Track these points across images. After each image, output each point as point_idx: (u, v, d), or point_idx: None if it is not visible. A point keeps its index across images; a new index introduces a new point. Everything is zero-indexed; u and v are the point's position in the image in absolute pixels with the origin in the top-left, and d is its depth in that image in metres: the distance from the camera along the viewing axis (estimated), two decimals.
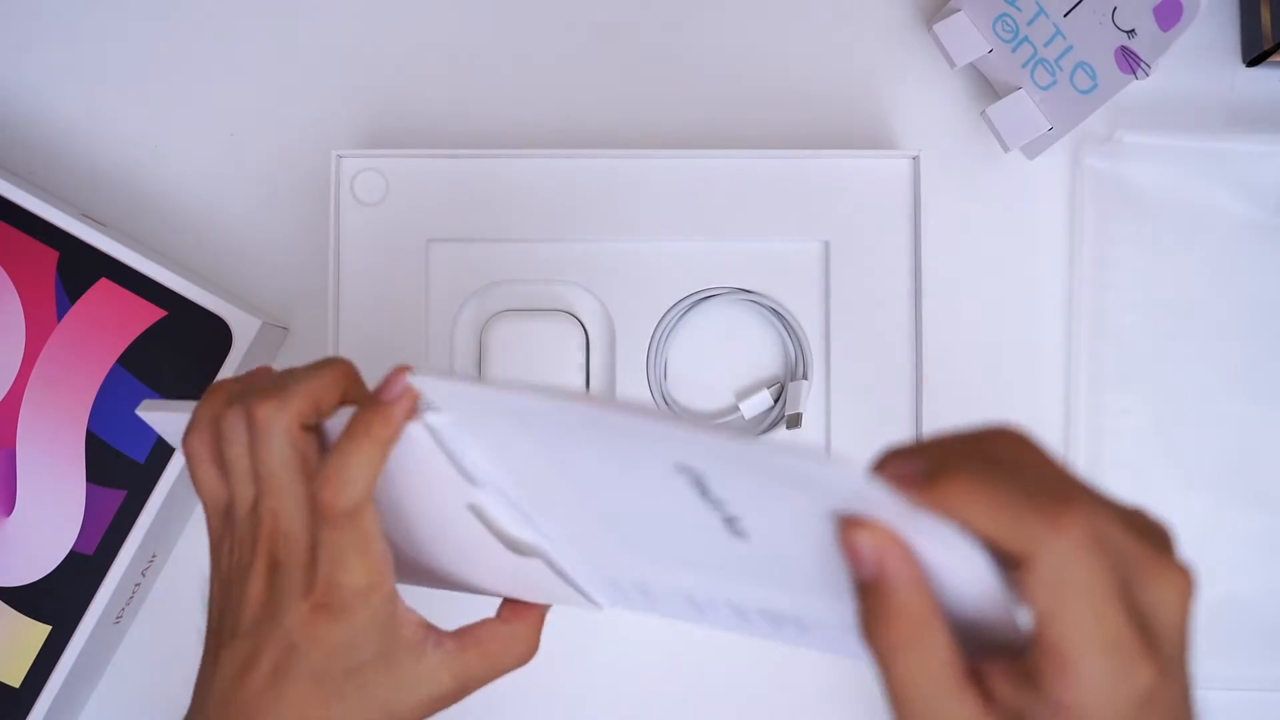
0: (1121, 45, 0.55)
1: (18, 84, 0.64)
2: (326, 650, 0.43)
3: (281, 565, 0.44)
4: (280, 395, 0.43)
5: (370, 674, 0.44)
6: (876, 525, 0.33)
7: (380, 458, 0.42)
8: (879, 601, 0.33)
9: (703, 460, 0.34)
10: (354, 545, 0.42)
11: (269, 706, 0.44)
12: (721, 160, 0.61)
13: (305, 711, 0.44)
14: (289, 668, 0.44)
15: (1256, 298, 0.63)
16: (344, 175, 0.61)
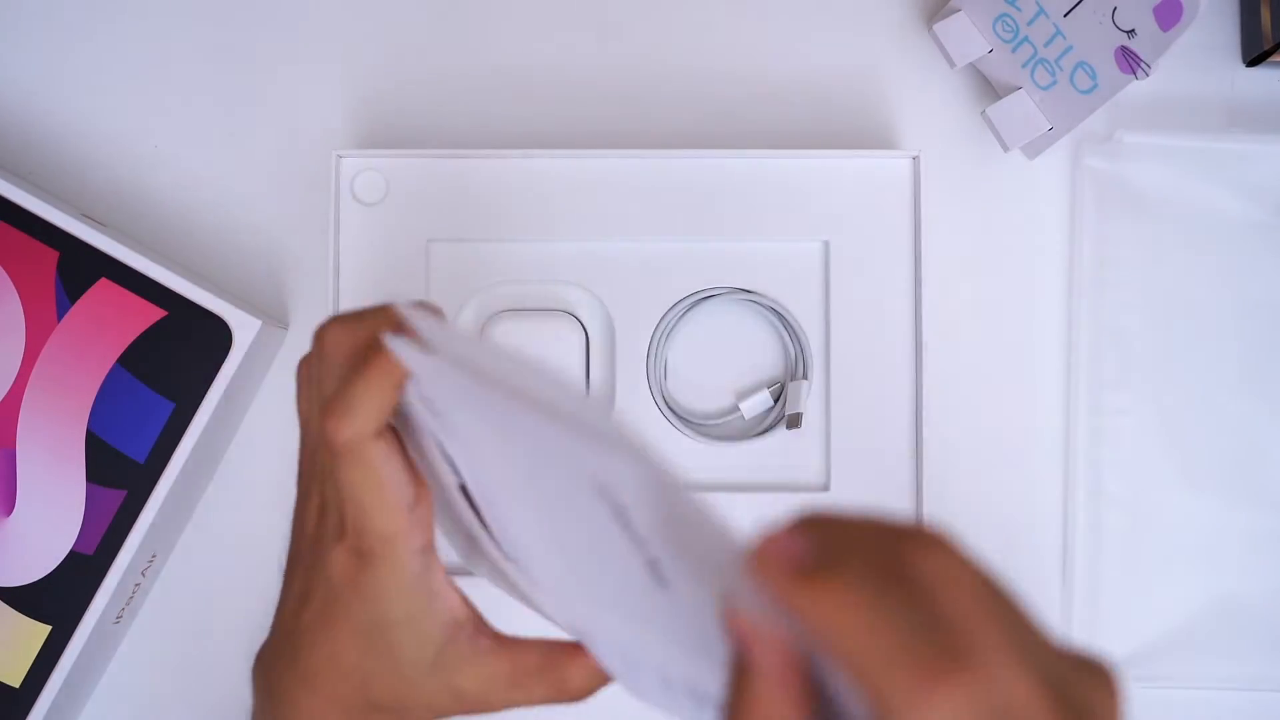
0: (1121, 45, 0.55)
1: (18, 84, 0.64)
2: (360, 599, 0.43)
3: (327, 507, 0.43)
4: (352, 321, 0.41)
5: (397, 635, 0.43)
6: (744, 615, 0.28)
7: (384, 390, 0.40)
8: (741, 686, 0.29)
9: (616, 485, 0.29)
10: (366, 486, 0.41)
11: (317, 642, 0.44)
12: (721, 160, 0.61)
13: (345, 655, 0.43)
14: (333, 610, 0.44)
15: (1257, 298, 0.63)
16: (344, 175, 0.61)
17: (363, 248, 0.61)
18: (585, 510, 0.31)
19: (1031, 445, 0.63)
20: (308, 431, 0.45)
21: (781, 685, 0.28)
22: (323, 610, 0.44)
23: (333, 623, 0.44)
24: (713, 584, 0.29)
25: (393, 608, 0.43)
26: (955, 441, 0.62)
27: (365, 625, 0.43)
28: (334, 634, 0.44)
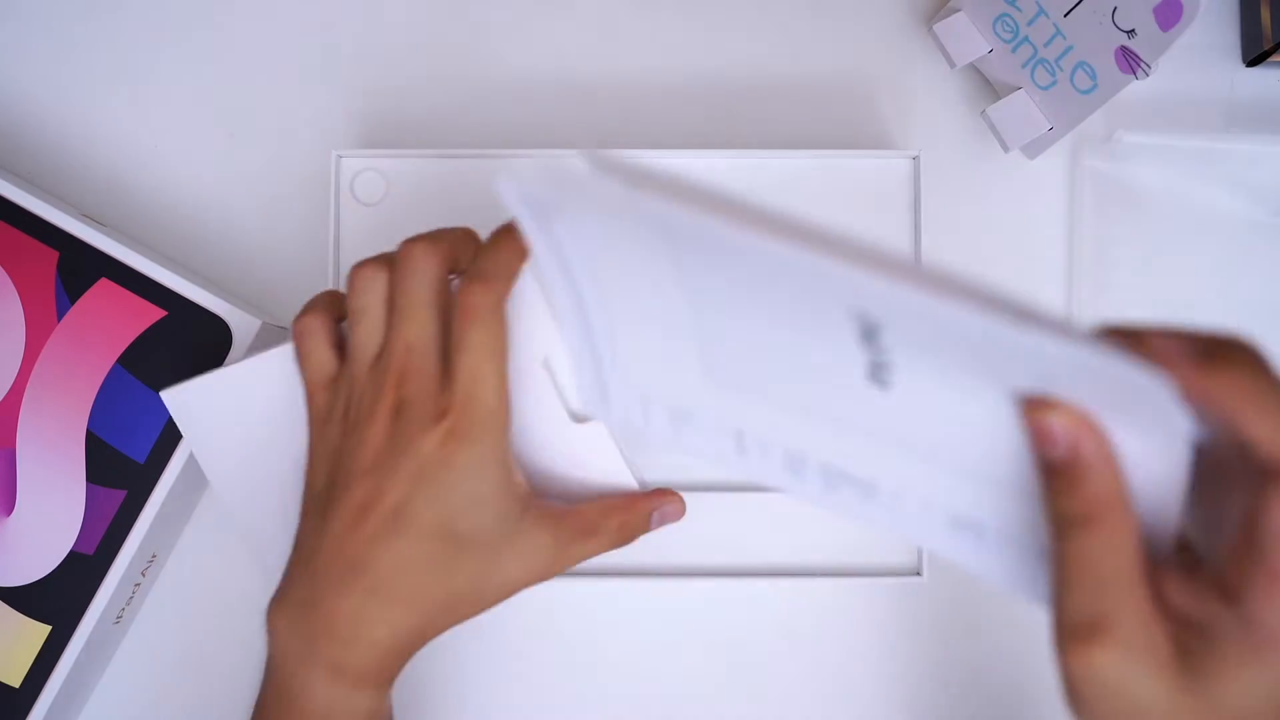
0: (1121, 45, 0.55)
1: (17, 84, 0.65)
2: (454, 477, 0.45)
3: (408, 403, 0.46)
4: (430, 238, 0.48)
5: (483, 514, 0.46)
6: (1069, 407, 0.31)
7: (519, 259, 0.46)
8: (1071, 482, 0.32)
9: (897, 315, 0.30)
10: (489, 352, 0.45)
11: (384, 548, 0.46)
12: (721, 160, 0.61)
13: (419, 553, 0.46)
14: (409, 505, 0.46)
15: (1257, 298, 0.63)
16: (344, 175, 0.61)
17: (362, 248, 0.61)
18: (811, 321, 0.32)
19: None
20: (355, 359, 0.48)
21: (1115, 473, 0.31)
22: (397, 511, 0.46)
23: (415, 518, 0.45)
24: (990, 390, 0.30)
25: (484, 482, 0.46)
26: None
27: (452, 508, 0.46)
28: (416, 533, 0.46)
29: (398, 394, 0.46)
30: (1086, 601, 0.32)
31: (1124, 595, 0.32)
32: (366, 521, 0.46)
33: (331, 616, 0.46)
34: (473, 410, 0.46)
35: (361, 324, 0.49)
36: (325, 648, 0.46)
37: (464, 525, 0.46)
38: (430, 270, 0.48)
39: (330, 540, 0.47)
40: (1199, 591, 0.32)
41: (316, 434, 0.50)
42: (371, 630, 0.47)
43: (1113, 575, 0.32)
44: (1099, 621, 0.32)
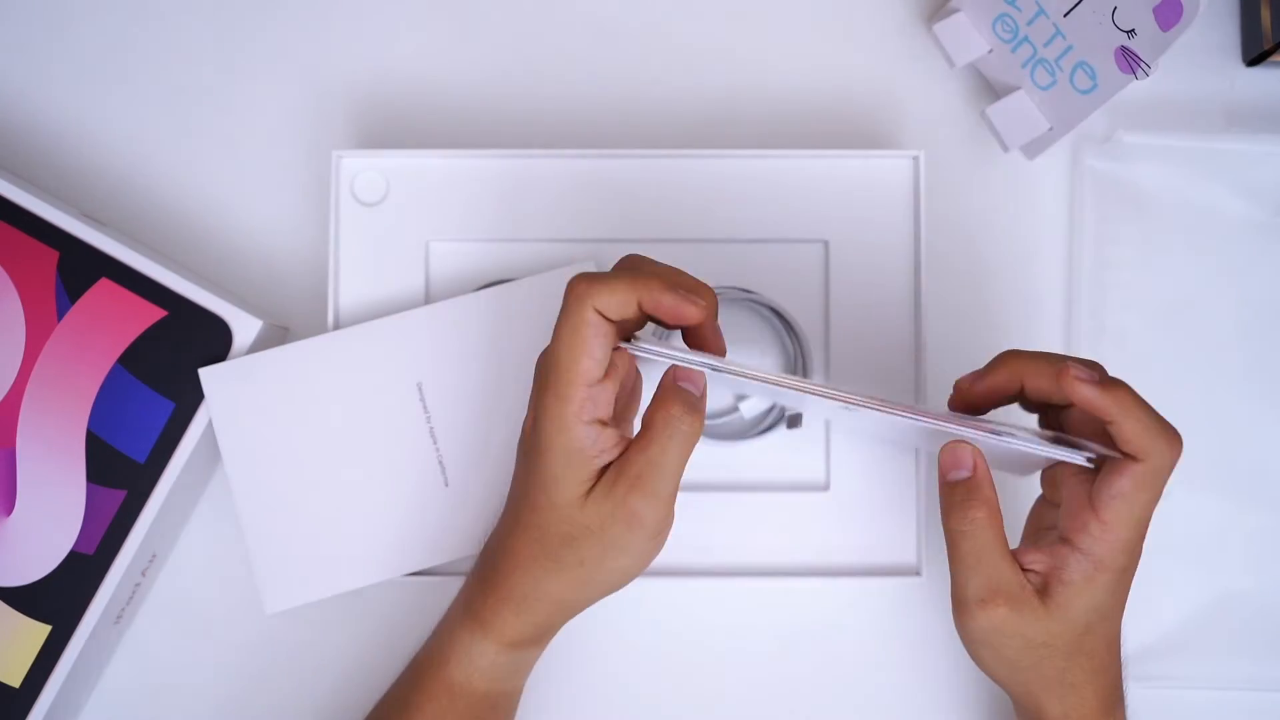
0: (1121, 45, 0.55)
1: (18, 84, 0.64)
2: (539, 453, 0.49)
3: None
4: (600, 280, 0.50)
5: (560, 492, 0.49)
6: (971, 445, 0.50)
7: (632, 294, 0.48)
8: (971, 493, 0.49)
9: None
10: (578, 339, 0.48)
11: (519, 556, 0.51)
12: (721, 160, 0.61)
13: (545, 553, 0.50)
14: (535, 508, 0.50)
15: (1256, 297, 0.63)
16: (344, 175, 0.61)
17: (362, 247, 0.61)
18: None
19: None
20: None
21: (993, 487, 0.50)
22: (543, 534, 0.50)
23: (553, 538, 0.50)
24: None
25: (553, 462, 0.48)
26: None
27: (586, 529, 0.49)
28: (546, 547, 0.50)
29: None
30: (983, 578, 0.49)
31: (1005, 569, 0.49)
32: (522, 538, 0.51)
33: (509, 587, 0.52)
34: (552, 388, 0.49)
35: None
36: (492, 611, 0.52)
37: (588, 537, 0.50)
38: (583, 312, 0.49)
39: (495, 544, 0.53)
40: (1051, 552, 0.49)
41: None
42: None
43: (997, 557, 0.49)
44: (994, 590, 0.49)
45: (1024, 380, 0.50)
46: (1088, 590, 0.48)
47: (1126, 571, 0.49)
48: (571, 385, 0.47)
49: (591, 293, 0.47)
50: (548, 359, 0.48)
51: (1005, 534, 0.49)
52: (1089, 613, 0.49)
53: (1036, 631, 0.49)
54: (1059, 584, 0.49)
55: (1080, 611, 0.49)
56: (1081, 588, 0.48)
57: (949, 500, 0.50)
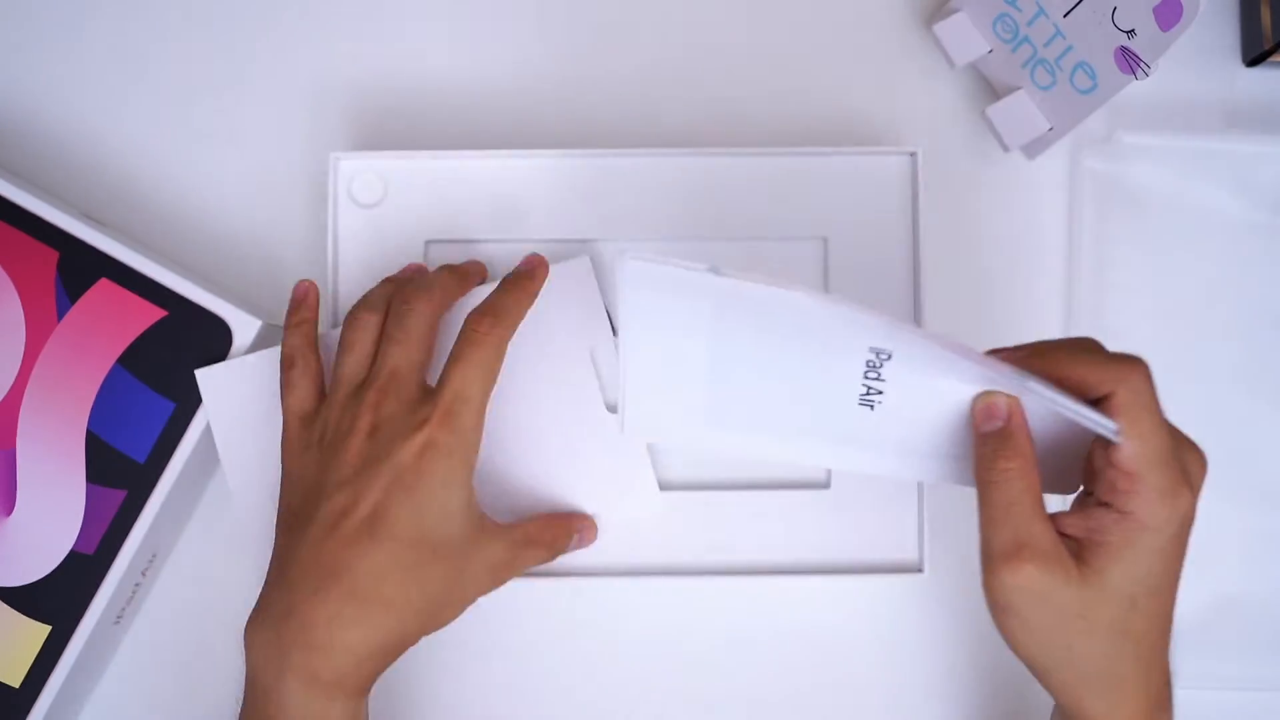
0: (1121, 45, 0.55)
1: (18, 84, 0.65)
2: (429, 486, 0.49)
3: (387, 420, 0.50)
4: (425, 288, 0.54)
5: (453, 525, 0.50)
6: (1006, 394, 0.45)
7: (528, 303, 0.54)
8: (1005, 442, 0.45)
9: (903, 351, 0.45)
10: (481, 374, 0.51)
11: (360, 554, 0.48)
12: (721, 159, 0.61)
13: (394, 558, 0.48)
14: (383, 516, 0.48)
15: (1257, 297, 0.63)
16: (342, 176, 0.61)
17: (361, 249, 0.61)
18: (830, 361, 0.46)
19: None
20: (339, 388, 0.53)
21: (1030, 436, 0.45)
22: (373, 516, 0.48)
23: (384, 534, 0.48)
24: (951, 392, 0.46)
25: (454, 497, 0.49)
26: None
27: (427, 516, 0.49)
28: (390, 537, 0.48)
29: (376, 414, 0.50)
30: (1010, 532, 0.44)
31: (1036, 524, 0.44)
32: (342, 528, 0.47)
33: (307, 623, 0.47)
34: (451, 424, 0.50)
35: (349, 354, 0.53)
36: (300, 656, 0.47)
37: (437, 534, 0.49)
38: (423, 311, 0.53)
39: (306, 550, 0.48)
40: (1087, 513, 0.45)
41: (292, 461, 0.52)
42: (347, 635, 0.47)
43: (1029, 511, 0.44)
44: (1022, 544, 0.44)
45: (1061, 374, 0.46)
46: (1128, 553, 0.44)
47: (1174, 536, 0.44)
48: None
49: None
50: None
51: (1040, 492, 0.45)
52: (1133, 583, 0.44)
53: (1070, 599, 0.44)
54: (1095, 545, 0.44)
55: (1121, 579, 0.44)
56: (1120, 549, 0.44)
57: (981, 452, 0.45)
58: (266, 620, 0.48)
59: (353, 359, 0.53)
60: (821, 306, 0.44)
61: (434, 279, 0.55)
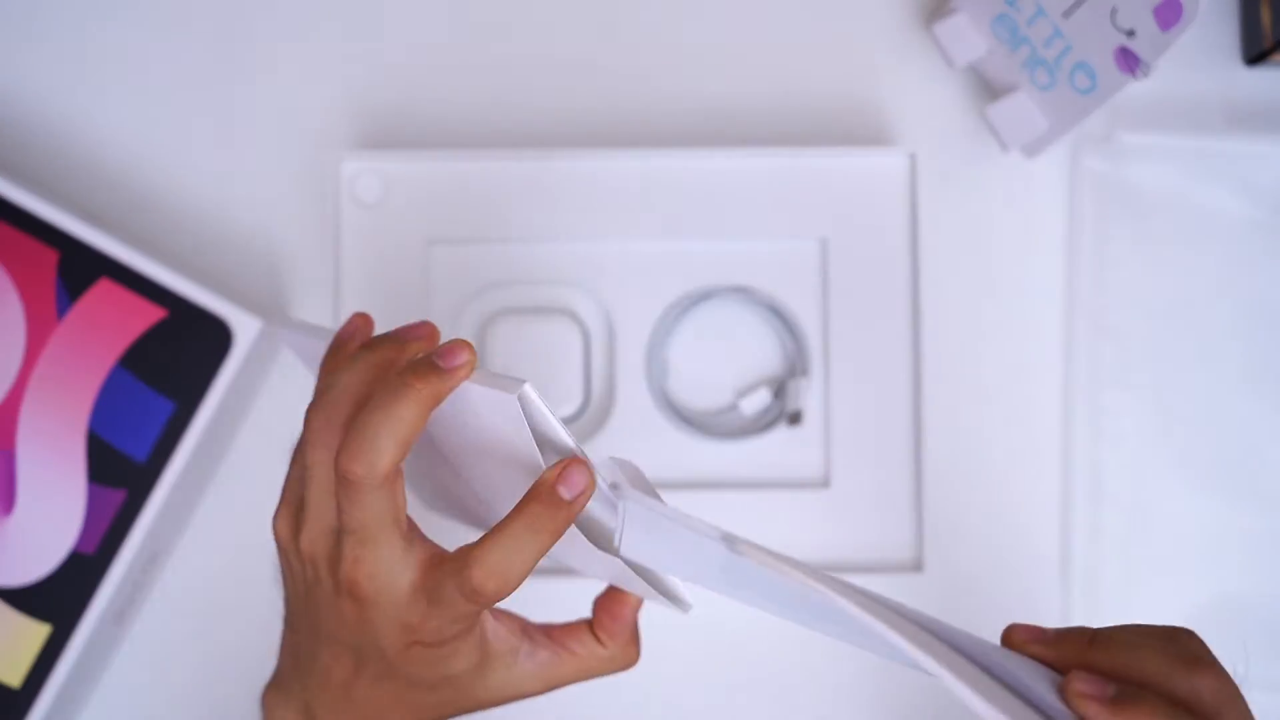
0: (1121, 45, 0.55)
1: (18, 84, 0.65)
2: (421, 668, 0.43)
3: (367, 602, 0.42)
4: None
5: (462, 680, 0.44)
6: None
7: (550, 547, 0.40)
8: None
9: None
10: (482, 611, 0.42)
11: (368, 695, 0.44)
12: (720, 159, 0.61)
13: (403, 697, 0.44)
14: (386, 675, 0.43)
15: (1257, 297, 0.63)
16: (343, 177, 0.61)
17: (363, 249, 0.61)
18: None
19: (1031, 445, 0.63)
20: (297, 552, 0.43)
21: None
22: (379, 675, 0.43)
23: (394, 679, 0.43)
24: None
25: (457, 665, 0.43)
26: (955, 440, 0.62)
27: (431, 680, 0.44)
28: (396, 687, 0.44)
29: (356, 590, 0.42)
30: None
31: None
32: (346, 672, 0.44)
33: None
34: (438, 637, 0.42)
35: (314, 483, 0.42)
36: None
37: (443, 687, 0.45)
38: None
39: (319, 672, 0.45)
40: None
41: (282, 556, 0.45)
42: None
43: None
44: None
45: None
46: None
47: None
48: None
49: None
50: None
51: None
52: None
53: None
54: None
55: None
56: None
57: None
58: (292, 705, 0.46)
59: (318, 495, 0.42)
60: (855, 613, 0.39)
61: (383, 434, 0.39)
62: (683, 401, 0.62)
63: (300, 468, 0.43)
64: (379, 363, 0.42)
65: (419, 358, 0.40)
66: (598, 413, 0.62)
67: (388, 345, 0.43)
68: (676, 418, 0.61)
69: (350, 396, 0.41)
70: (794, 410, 0.60)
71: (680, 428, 0.61)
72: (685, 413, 0.62)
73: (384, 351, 0.42)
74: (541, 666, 0.46)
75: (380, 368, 0.42)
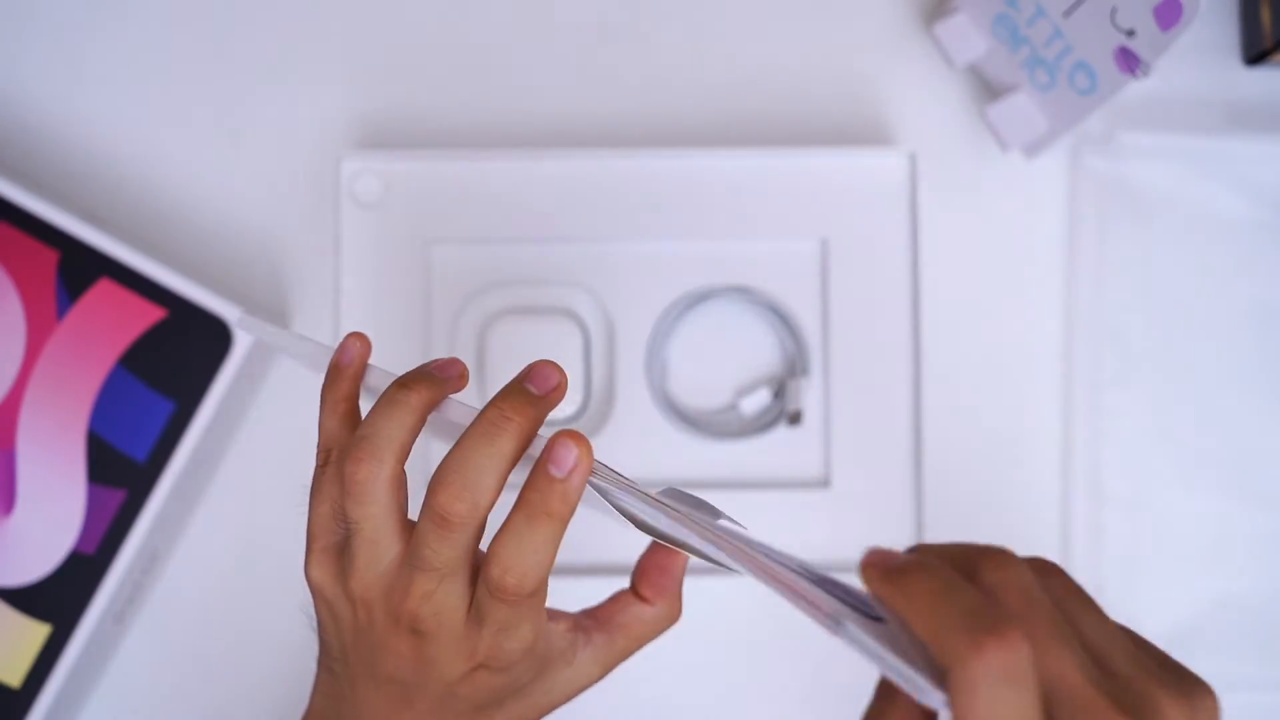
0: (1121, 45, 0.55)
1: (18, 84, 0.65)
2: (487, 693, 0.42)
3: (429, 636, 0.41)
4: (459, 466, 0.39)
5: (526, 690, 0.43)
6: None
7: (562, 533, 0.39)
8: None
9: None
10: (529, 615, 0.40)
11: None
12: (721, 159, 0.61)
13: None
14: (446, 706, 0.42)
15: (1257, 297, 0.63)
16: (344, 177, 0.61)
17: (363, 249, 0.61)
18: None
19: (1031, 444, 0.63)
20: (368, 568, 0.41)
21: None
22: (433, 709, 0.42)
23: (456, 711, 0.42)
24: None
25: (521, 679, 0.42)
26: (954, 440, 0.62)
27: (493, 702, 0.43)
28: (456, 714, 0.43)
29: (418, 624, 0.41)
30: None
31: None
32: (403, 714, 0.43)
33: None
34: (504, 656, 0.41)
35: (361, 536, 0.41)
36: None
37: (508, 701, 0.44)
38: (462, 537, 0.40)
39: (368, 714, 0.43)
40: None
41: (322, 604, 0.43)
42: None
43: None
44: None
45: None
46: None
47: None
48: None
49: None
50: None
51: None
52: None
53: None
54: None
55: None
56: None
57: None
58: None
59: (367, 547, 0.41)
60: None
61: (486, 470, 0.39)
62: (683, 401, 0.62)
63: (331, 515, 0.42)
64: (419, 407, 0.41)
65: (512, 388, 0.40)
66: (598, 413, 0.62)
67: (425, 386, 0.41)
68: (676, 418, 0.61)
69: (397, 446, 0.40)
70: (794, 410, 0.60)
71: (680, 428, 0.61)
72: (685, 413, 0.62)
73: (422, 393, 0.41)
74: (598, 651, 0.45)
75: (422, 412, 0.41)
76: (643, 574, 0.46)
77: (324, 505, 0.42)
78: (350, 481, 0.40)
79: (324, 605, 0.43)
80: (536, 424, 0.40)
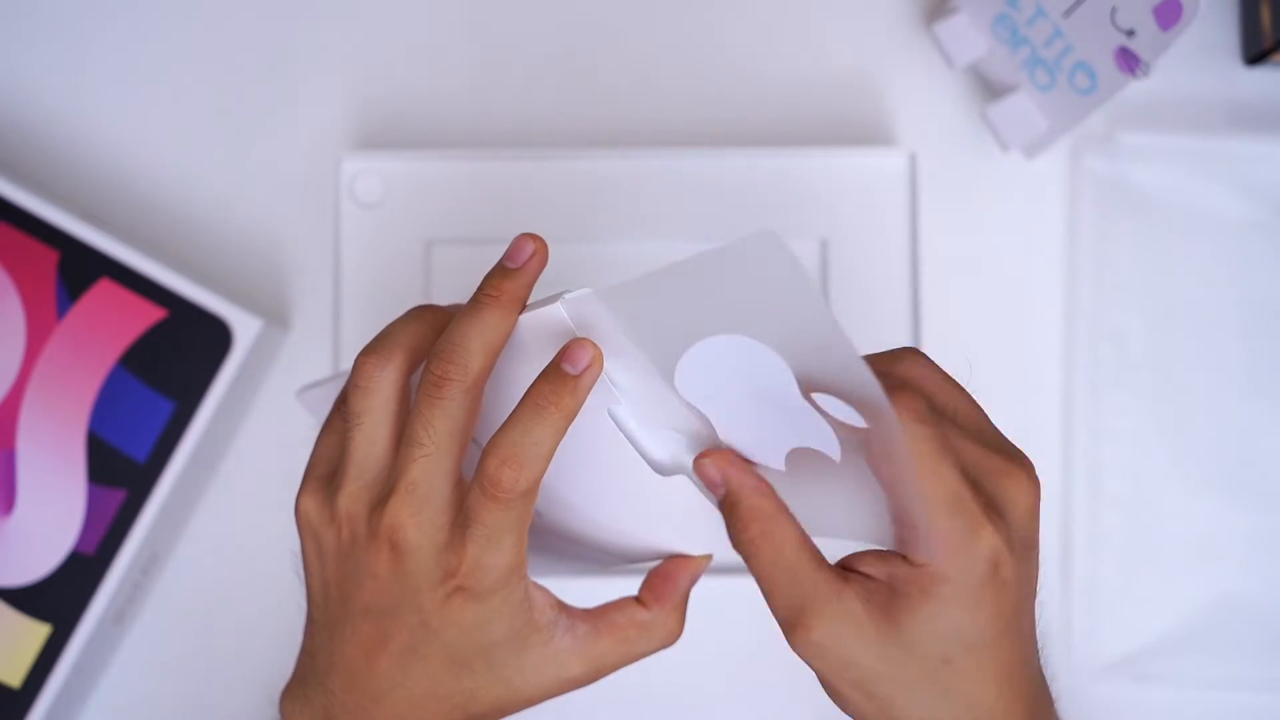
0: (1121, 45, 0.55)
1: (18, 83, 0.65)
2: (460, 630, 0.42)
3: (409, 550, 0.41)
4: (462, 360, 0.41)
5: (500, 653, 0.43)
6: (718, 453, 0.40)
7: (564, 430, 0.40)
8: (732, 511, 0.40)
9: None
10: (514, 525, 0.41)
11: (398, 682, 0.43)
12: (721, 159, 0.61)
13: (434, 686, 0.43)
14: (419, 647, 0.43)
15: (1257, 298, 0.63)
16: (344, 177, 0.61)
17: (363, 249, 0.61)
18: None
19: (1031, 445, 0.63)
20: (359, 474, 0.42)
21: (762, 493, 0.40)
22: (407, 649, 0.43)
23: (423, 656, 0.43)
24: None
25: (497, 630, 0.42)
26: None
27: (464, 651, 0.43)
28: (425, 666, 0.43)
29: (398, 535, 0.41)
30: (783, 599, 0.39)
31: (808, 583, 0.39)
32: (379, 657, 0.43)
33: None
34: (483, 575, 0.41)
35: (359, 430, 0.42)
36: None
37: (479, 664, 0.43)
38: (457, 406, 0.41)
39: (343, 666, 0.44)
40: (887, 560, 0.38)
41: (307, 535, 0.44)
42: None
43: (789, 573, 0.39)
44: (797, 609, 0.39)
45: None
46: (928, 608, 0.37)
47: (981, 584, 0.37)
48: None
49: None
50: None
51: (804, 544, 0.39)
52: (941, 641, 0.38)
53: (873, 658, 0.38)
54: (898, 596, 0.38)
55: (926, 637, 0.38)
56: (918, 604, 0.37)
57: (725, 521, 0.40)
58: (310, 710, 0.45)
59: (364, 436, 0.42)
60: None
61: (471, 337, 0.41)
62: None
63: (336, 431, 0.44)
64: (433, 319, 0.43)
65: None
66: None
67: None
68: None
69: (403, 345, 0.42)
70: None
71: None
72: None
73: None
74: (579, 642, 0.44)
75: (436, 322, 0.43)
76: (647, 580, 0.46)
77: (331, 437, 0.44)
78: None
79: (310, 539, 0.44)
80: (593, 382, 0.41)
